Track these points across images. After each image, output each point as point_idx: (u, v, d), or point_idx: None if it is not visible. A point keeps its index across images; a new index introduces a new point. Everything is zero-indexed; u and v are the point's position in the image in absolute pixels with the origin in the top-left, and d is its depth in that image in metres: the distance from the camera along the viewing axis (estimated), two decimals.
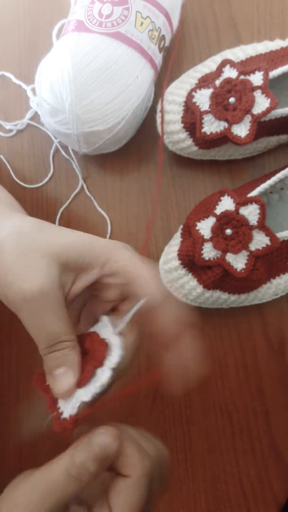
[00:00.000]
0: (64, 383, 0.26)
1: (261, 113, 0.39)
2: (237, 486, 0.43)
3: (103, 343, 0.27)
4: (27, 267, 0.26)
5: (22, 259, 0.27)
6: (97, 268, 0.28)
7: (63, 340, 0.27)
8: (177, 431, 0.44)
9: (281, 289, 0.42)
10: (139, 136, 0.47)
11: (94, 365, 0.26)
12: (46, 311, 0.26)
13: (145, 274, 0.28)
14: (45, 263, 0.27)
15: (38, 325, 0.26)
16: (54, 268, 0.27)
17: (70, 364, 0.27)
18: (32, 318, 0.26)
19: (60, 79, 0.40)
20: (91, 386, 0.26)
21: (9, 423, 0.46)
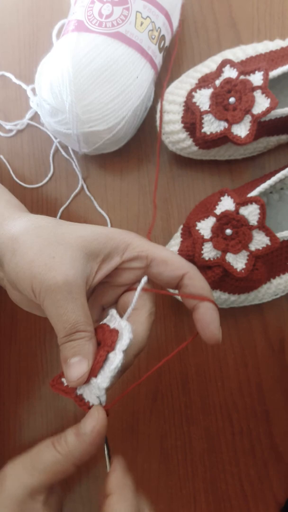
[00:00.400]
0: (77, 370, 0.27)
1: (261, 113, 0.39)
2: (237, 486, 0.43)
3: (113, 331, 0.28)
4: (52, 258, 0.27)
5: (46, 251, 0.28)
6: (117, 256, 0.30)
7: (81, 330, 0.27)
8: (177, 431, 0.44)
9: (281, 289, 0.42)
10: (139, 136, 0.47)
11: (106, 349, 0.27)
12: (69, 301, 0.27)
13: (167, 252, 0.30)
14: (70, 255, 0.28)
15: (60, 313, 0.27)
16: (79, 260, 0.28)
17: (85, 354, 0.27)
18: (54, 306, 0.27)
19: (60, 79, 0.40)
20: (106, 370, 0.27)
21: (9, 423, 0.46)
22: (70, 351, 0.27)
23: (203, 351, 0.45)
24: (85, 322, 0.28)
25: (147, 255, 0.30)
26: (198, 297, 0.29)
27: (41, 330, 0.47)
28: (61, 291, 0.27)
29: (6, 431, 0.46)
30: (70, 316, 0.27)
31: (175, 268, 0.30)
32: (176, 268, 0.30)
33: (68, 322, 0.27)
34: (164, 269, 0.30)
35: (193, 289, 0.30)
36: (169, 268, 0.30)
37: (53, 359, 0.46)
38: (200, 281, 0.30)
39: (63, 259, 0.27)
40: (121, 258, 0.30)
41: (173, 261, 0.30)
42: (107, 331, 0.28)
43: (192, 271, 0.30)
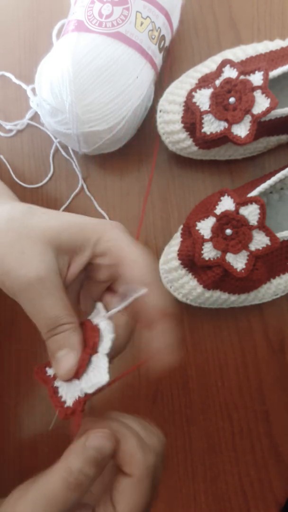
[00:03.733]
0: (65, 364, 0.26)
1: (261, 113, 0.39)
2: (237, 486, 0.43)
3: (95, 329, 0.27)
4: (21, 254, 0.26)
5: (16, 246, 0.27)
6: (89, 249, 0.28)
7: (64, 323, 0.26)
8: (177, 431, 0.44)
9: (281, 289, 0.42)
10: (139, 136, 0.47)
11: (88, 352, 0.26)
12: (44, 296, 0.26)
13: (134, 254, 0.28)
14: (39, 249, 0.27)
15: (38, 310, 0.26)
16: (48, 253, 0.27)
17: (71, 346, 0.26)
18: (31, 304, 0.26)
19: (60, 79, 0.40)
20: (91, 375, 0.26)
21: (9, 423, 0.46)
22: (55, 345, 0.27)
23: (203, 351, 0.45)
24: (66, 315, 0.27)
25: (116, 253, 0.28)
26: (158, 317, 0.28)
27: None
28: (35, 289, 0.26)
29: (6, 431, 0.46)
30: (49, 311, 0.26)
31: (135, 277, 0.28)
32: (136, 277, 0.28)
33: (48, 318, 0.26)
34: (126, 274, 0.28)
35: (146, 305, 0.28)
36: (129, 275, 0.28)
37: None
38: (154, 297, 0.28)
39: (33, 254, 0.26)
40: (91, 252, 0.28)
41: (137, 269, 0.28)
42: (88, 328, 0.27)
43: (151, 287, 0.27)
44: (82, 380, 0.26)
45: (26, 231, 0.27)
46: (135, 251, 0.28)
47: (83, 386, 0.26)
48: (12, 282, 0.26)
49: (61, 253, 0.27)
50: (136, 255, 0.28)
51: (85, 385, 0.26)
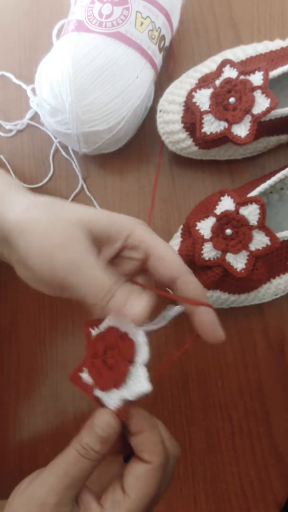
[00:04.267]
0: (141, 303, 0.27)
1: (261, 113, 0.39)
2: (237, 486, 0.43)
3: (127, 340, 0.28)
4: (66, 234, 0.28)
5: (55, 229, 0.28)
6: (120, 240, 0.29)
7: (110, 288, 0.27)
8: (177, 431, 0.44)
9: (281, 289, 0.42)
10: (139, 136, 0.47)
11: (127, 364, 0.27)
12: (93, 266, 0.27)
13: (164, 248, 0.30)
14: (78, 232, 0.28)
15: (89, 279, 0.27)
16: (86, 238, 0.28)
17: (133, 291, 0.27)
18: (81, 276, 0.27)
19: (60, 79, 0.40)
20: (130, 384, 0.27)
21: (9, 423, 0.46)
22: (123, 295, 0.27)
23: (203, 351, 0.45)
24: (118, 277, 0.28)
25: (147, 247, 0.29)
26: (194, 301, 0.29)
27: (41, 330, 0.47)
28: (81, 263, 0.27)
29: (6, 431, 0.46)
30: (101, 276, 0.27)
31: (170, 268, 0.29)
32: (170, 268, 0.29)
33: (102, 281, 0.27)
34: (159, 266, 0.29)
35: (187, 293, 0.29)
36: (164, 266, 0.29)
37: (53, 359, 0.46)
38: (194, 285, 0.29)
39: (75, 234, 0.28)
40: (121, 244, 0.29)
41: (170, 260, 0.29)
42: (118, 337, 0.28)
43: (186, 274, 0.29)
44: (122, 390, 0.27)
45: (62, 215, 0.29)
46: (164, 246, 0.30)
47: (124, 394, 0.27)
48: (57, 262, 0.27)
49: (92, 242, 0.29)
50: (167, 249, 0.30)
51: (126, 393, 0.27)
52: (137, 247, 0.30)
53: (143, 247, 0.29)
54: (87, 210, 0.30)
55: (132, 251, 0.30)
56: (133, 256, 0.30)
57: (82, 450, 0.27)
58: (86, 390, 0.28)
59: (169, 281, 0.30)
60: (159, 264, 0.29)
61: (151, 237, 0.30)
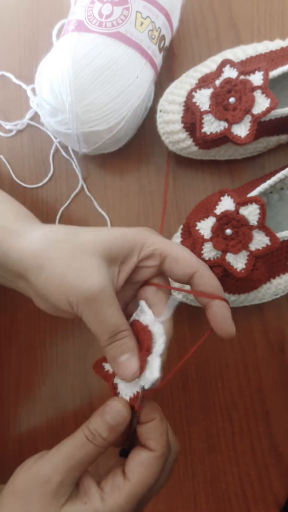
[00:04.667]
0: (130, 367, 0.29)
1: (261, 113, 0.39)
2: (237, 486, 0.43)
3: (147, 332, 0.30)
4: (82, 270, 0.29)
5: (74, 264, 0.29)
6: (135, 256, 0.31)
7: (122, 330, 0.29)
8: (177, 431, 0.44)
9: (281, 289, 0.42)
10: (139, 136, 0.47)
11: (145, 354, 0.29)
12: (107, 307, 0.29)
13: (177, 249, 0.31)
14: (95, 263, 0.29)
15: (101, 319, 0.29)
16: (103, 267, 0.29)
17: (131, 350, 0.29)
18: (95, 314, 0.29)
19: (60, 79, 0.40)
20: (147, 373, 0.29)
21: (9, 423, 0.46)
22: (117, 350, 0.29)
23: (203, 351, 0.45)
24: (124, 322, 0.29)
25: (161, 252, 0.31)
26: (209, 295, 0.31)
27: (41, 330, 0.47)
28: (98, 300, 0.28)
29: (6, 431, 0.46)
30: (111, 320, 0.29)
31: (185, 266, 0.31)
32: (186, 266, 0.31)
33: (110, 326, 0.29)
34: (176, 266, 0.31)
35: (203, 287, 0.31)
36: (180, 266, 0.31)
37: (53, 359, 0.46)
38: (210, 279, 0.31)
39: (92, 268, 0.29)
40: (138, 258, 0.31)
41: (184, 259, 0.31)
42: (141, 330, 0.30)
43: (202, 269, 0.31)
44: (140, 378, 0.29)
45: (79, 249, 0.30)
46: (176, 247, 0.32)
47: (141, 383, 0.29)
48: (77, 297, 0.28)
49: (112, 265, 0.30)
50: (179, 250, 0.32)
51: (142, 382, 0.29)
52: (151, 255, 0.31)
53: (157, 253, 0.31)
54: (100, 234, 0.31)
55: (147, 260, 0.31)
56: (149, 264, 0.31)
57: (90, 435, 0.28)
58: (107, 377, 0.31)
59: (187, 278, 0.31)
60: (175, 265, 0.31)
61: (162, 242, 0.31)
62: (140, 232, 0.32)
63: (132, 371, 0.29)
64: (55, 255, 0.29)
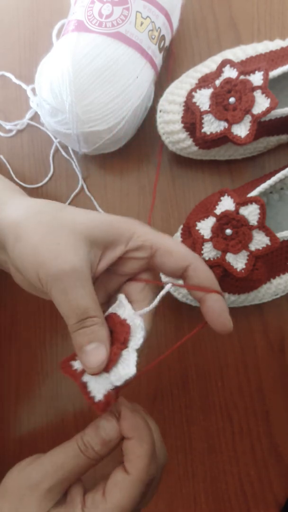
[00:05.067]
0: (96, 357, 0.27)
1: (261, 113, 0.39)
2: (237, 486, 0.43)
3: (125, 325, 0.28)
4: (56, 245, 0.27)
5: (50, 238, 0.27)
6: (122, 244, 0.29)
7: (92, 316, 0.27)
8: (177, 431, 0.44)
9: (281, 289, 0.42)
10: (139, 136, 0.47)
11: (120, 347, 0.27)
12: (77, 287, 0.27)
13: (169, 242, 0.30)
14: (73, 241, 0.27)
15: (70, 300, 0.27)
16: (81, 246, 0.28)
17: (101, 339, 0.27)
18: (63, 294, 0.27)
19: (60, 79, 0.40)
20: (120, 368, 0.27)
21: (9, 423, 0.46)
22: (85, 338, 0.27)
23: (203, 351, 0.45)
24: (95, 308, 0.27)
25: (152, 244, 0.29)
26: (204, 289, 0.29)
27: (41, 330, 0.47)
28: (68, 278, 0.26)
29: (6, 431, 0.46)
30: (80, 302, 0.27)
31: (179, 259, 0.29)
32: (179, 259, 0.29)
33: (79, 308, 0.27)
34: (168, 260, 0.29)
35: (197, 280, 0.29)
36: (173, 258, 0.29)
37: (53, 359, 0.46)
38: (204, 272, 0.29)
39: (68, 245, 0.27)
40: (125, 247, 0.29)
41: (178, 251, 0.29)
42: (118, 323, 0.28)
43: (197, 262, 0.29)
44: (111, 373, 0.27)
45: (59, 224, 0.28)
46: (168, 239, 0.30)
47: (112, 379, 0.27)
48: (47, 273, 0.27)
49: (93, 248, 0.28)
50: (171, 242, 0.30)
51: (113, 378, 0.27)
52: (141, 247, 0.29)
53: (147, 245, 0.29)
54: (87, 215, 0.29)
55: (136, 252, 0.30)
56: (138, 256, 0.30)
57: (82, 446, 0.27)
58: (75, 376, 0.28)
59: (180, 272, 0.30)
60: (167, 258, 0.29)
61: (153, 234, 0.30)
62: (129, 221, 0.30)
63: (98, 360, 0.26)
64: (33, 226, 0.28)
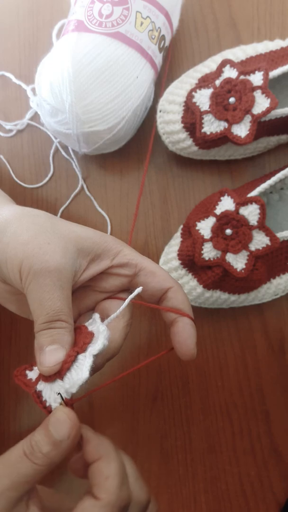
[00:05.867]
0: (53, 357, 0.26)
1: (261, 113, 0.39)
2: (237, 486, 0.43)
3: (89, 333, 0.28)
4: (47, 244, 0.27)
5: (42, 236, 0.28)
6: (108, 259, 0.30)
7: (63, 320, 0.27)
8: (177, 431, 0.44)
9: (281, 289, 0.42)
10: (139, 136, 0.47)
11: (76, 350, 0.26)
12: (57, 288, 0.27)
13: (153, 265, 0.31)
14: (63, 244, 0.28)
15: (45, 298, 0.26)
16: (70, 251, 0.28)
17: (63, 344, 0.27)
18: (40, 291, 0.26)
19: (60, 79, 0.40)
20: (73, 374, 0.26)
21: (9, 423, 0.46)
22: (48, 339, 0.26)
23: (203, 351, 0.45)
24: (68, 313, 0.27)
25: (137, 263, 0.30)
26: (178, 311, 0.30)
27: None
28: (50, 276, 0.26)
29: (6, 431, 0.46)
30: (55, 302, 0.26)
31: (162, 280, 0.30)
32: (163, 280, 0.30)
33: (52, 309, 0.26)
34: (152, 280, 0.30)
35: (176, 302, 0.30)
36: (156, 279, 0.30)
37: None
38: (183, 296, 0.30)
39: (58, 247, 0.27)
40: (111, 262, 0.30)
41: (161, 273, 0.30)
42: (83, 333, 0.28)
43: (177, 286, 0.30)
44: (65, 380, 0.26)
45: (52, 227, 0.29)
46: (152, 262, 0.31)
47: (66, 386, 0.25)
48: (30, 266, 0.26)
49: (80, 256, 0.29)
50: (155, 265, 0.31)
51: (68, 385, 0.25)
52: (126, 264, 0.30)
53: (133, 263, 0.30)
54: (78, 227, 0.30)
55: (120, 268, 0.30)
56: (122, 273, 0.30)
57: (28, 449, 0.24)
58: (28, 385, 0.27)
59: (161, 293, 0.30)
60: (151, 278, 0.30)
61: (139, 255, 0.31)
62: (117, 240, 0.31)
63: (54, 361, 0.26)
64: (26, 224, 0.28)
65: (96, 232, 0.31)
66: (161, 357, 0.41)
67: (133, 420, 0.45)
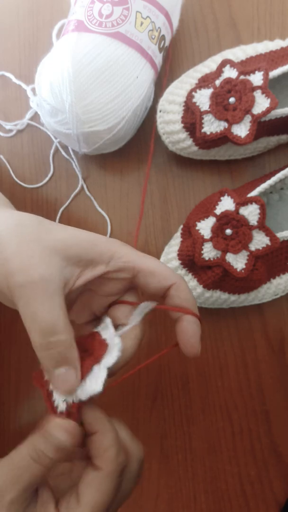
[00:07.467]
0: (67, 383, 0.26)
1: (261, 113, 0.39)
2: (237, 486, 0.43)
3: (103, 343, 0.27)
4: (30, 257, 0.27)
5: (24, 249, 0.27)
6: (102, 264, 0.29)
7: (60, 333, 0.26)
8: (177, 431, 0.44)
9: (281, 289, 0.42)
10: (139, 136, 0.47)
11: (92, 362, 0.26)
12: (45, 299, 0.26)
13: (151, 263, 0.30)
14: (47, 255, 0.27)
15: (34, 312, 0.26)
16: (56, 261, 0.27)
17: (70, 362, 0.26)
18: (28, 305, 0.26)
19: (60, 79, 0.40)
20: (87, 383, 0.26)
21: (9, 423, 0.46)
22: (51, 362, 0.26)
23: (203, 351, 0.45)
24: (63, 324, 0.26)
25: (134, 266, 0.29)
26: (182, 309, 0.29)
27: None
28: (36, 288, 0.26)
29: (6, 431, 0.46)
30: (46, 315, 0.26)
31: (162, 279, 0.29)
32: (163, 279, 0.29)
33: (45, 323, 0.26)
34: (152, 281, 0.29)
35: (178, 300, 0.29)
36: (156, 279, 0.29)
37: None
38: (186, 293, 0.29)
39: (41, 258, 0.27)
40: (106, 267, 0.29)
41: (161, 272, 0.29)
42: (97, 341, 0.28)
43: (179, 281, 0.29)
44: (78, 389, 0.26)
45: (36, 238, 0.28)
46: (150, 260, 0.30)
47: (78, 392, 0.26)
48: (15, 282, 0.26)
49: (70, 264, 0.28)
50: (154, 263, 0.30)
51: (79, 392, 0.26)
52: (122, 268, 0.29)
53: (130, 267, 0.29)
54: (66, 231, 0.29)
55: (118, 273, 0.29)
56: (120, 277, 0.29)
57: (35, 456, 0.26)
58: (43, 386, 0.28)
59: (162, 292, 0.29)
60: (150, 279, 0.29)
61: (135, 255, 0.29)
62: (110, 241, 0.30)
63: (69, 386, 0.26)
64: (10, 237, 0.27)
65: (87, 236, 0.29)
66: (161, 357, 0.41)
67: (133, 420, 0.45)
